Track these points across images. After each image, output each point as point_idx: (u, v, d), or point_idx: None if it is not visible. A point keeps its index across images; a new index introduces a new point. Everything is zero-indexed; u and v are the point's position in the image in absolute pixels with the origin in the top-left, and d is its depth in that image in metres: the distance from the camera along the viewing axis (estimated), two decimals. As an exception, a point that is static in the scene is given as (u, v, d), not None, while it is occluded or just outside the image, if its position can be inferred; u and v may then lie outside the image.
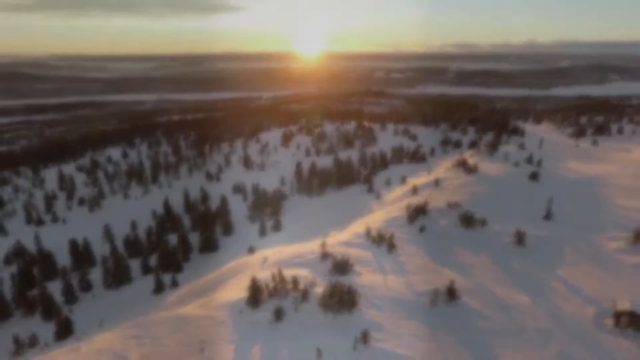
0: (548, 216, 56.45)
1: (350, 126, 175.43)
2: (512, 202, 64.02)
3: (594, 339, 30.44)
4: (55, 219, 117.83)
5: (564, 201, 62.79)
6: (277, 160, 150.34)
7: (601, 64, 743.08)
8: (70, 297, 74.64)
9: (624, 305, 31.84)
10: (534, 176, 76.31)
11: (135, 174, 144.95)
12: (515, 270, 42.19)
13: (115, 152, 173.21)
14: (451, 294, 36.25)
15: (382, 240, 50.10)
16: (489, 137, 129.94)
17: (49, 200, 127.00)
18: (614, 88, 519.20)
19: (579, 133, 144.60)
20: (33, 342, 56.47)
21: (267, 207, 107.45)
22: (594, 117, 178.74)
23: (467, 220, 53.98)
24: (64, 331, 58.13)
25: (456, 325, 32.64)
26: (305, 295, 36.03)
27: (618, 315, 31.46)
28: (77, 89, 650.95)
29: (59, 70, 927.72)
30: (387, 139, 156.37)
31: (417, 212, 59.31)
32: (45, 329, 62.41)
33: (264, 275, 39.84)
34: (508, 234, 50.17)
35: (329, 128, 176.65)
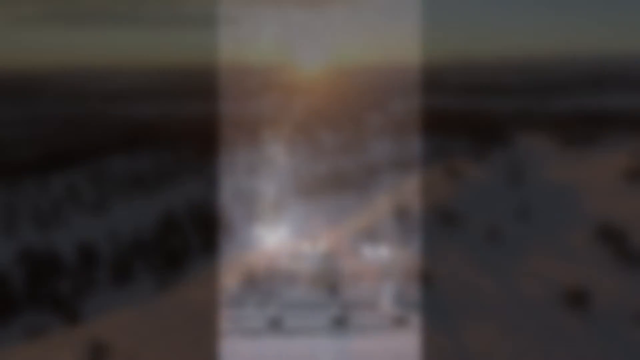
0: (523, 215, 60.84)
1: (348, 134, 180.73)
2: (494, 203, 68.52)
3: (546, 315, 34.70)
4: (62, 223, 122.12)
5: (543, 202, 67.36)
6: (276, 166, 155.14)
7: (599, 75, 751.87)
8: (78, 293, 78.73)
9: (575, 287, 36.09)
10: (516, 180, 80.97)
11: (139, 180, 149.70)
12: (487, 260, 46.52)
13: (118, 160, 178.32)
14: (425, 279, 40.63)
15: (369, 236, 54.50)
16: (480, 145, 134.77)
17: (56, 205, 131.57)
18: (611, 99, 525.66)
19: (568, 142, 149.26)
20: (44, 331, 60.56)
21: (265, 210, 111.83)
22: (585, 127, 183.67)
23: (448, 218, 58.44)
24: (73, 322, 62.27)
25: (428, 304, 36.97)
26: (296, 279, 40.41)
27: (569, 295, 35.72)
28: (80, 99, 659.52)
29: (61, 81, 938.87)
30: (383, 147, 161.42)
31: (404, 212, 63.72)
32: (55, 321, 66.61)
33: (261, 265, 44.24)
34: (484, 230, 54.65)
35: (327, 136, 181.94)
